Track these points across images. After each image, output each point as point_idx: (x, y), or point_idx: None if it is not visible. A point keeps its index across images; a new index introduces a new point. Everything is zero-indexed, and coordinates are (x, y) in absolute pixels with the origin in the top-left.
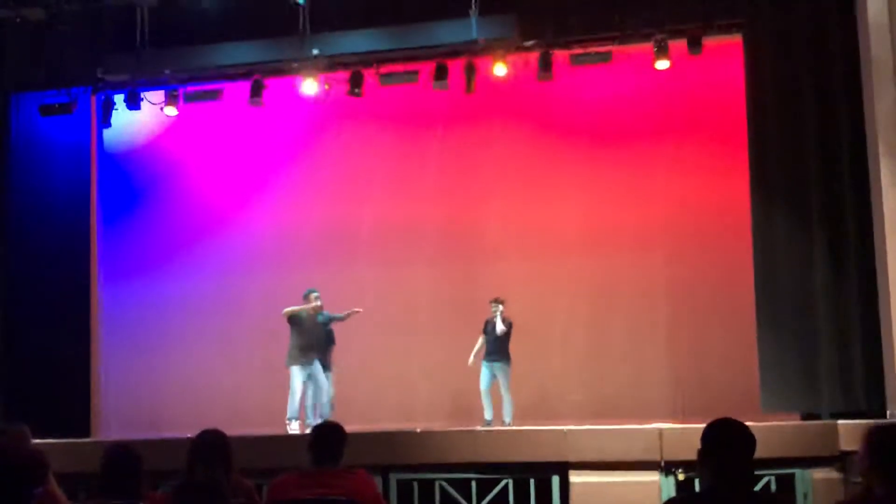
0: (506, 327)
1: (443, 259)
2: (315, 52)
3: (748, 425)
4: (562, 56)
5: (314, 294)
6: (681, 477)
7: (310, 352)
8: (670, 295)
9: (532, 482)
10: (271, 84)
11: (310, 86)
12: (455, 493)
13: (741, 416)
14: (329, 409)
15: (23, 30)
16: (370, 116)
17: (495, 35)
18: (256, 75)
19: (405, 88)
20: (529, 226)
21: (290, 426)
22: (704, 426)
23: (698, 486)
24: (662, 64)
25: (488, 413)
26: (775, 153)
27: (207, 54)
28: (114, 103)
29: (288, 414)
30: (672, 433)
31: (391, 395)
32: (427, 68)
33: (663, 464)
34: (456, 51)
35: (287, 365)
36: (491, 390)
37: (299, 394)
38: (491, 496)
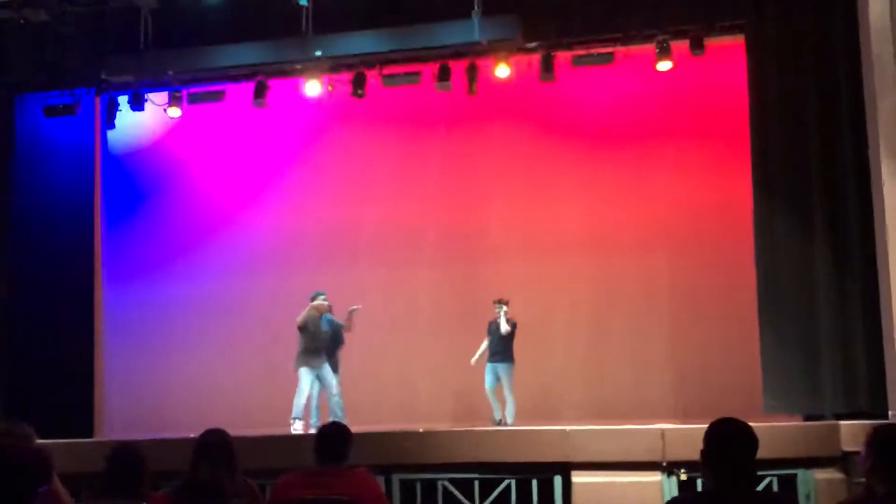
0: (510, 327)
1: (445, 260)
2: (318, 54)
3: (751, 425)
4: (564, 57)
5: (321, 296)
6: (683, 477)
7: (318, 356)
8: (672, 295)
9: (534, 482)
10: (274, 85)
11: (313, 87)
12: (458, 493)
13: (743, 417)
14: (339, 410)
15: (26, 31)
16: (373, 118)
17: (498, 36)
18: (260, 76)
19: (408, 90)
20: (531, 227)
21: (294, 426)
22: (707, 426)
23: (700, 487)
24: (664, 65)
25: (497, 413)
26: (777, 154)
27: (211, 55)
28: (117, 104)
29: (293, 413)
30: (674, 433)
31: (393, 396)
32: (430, 70)
33: (665, 464)
34: (458, 52)
35: (295, 368)
36: (496, 390)
37: (306, 394)
38: (493, 496)
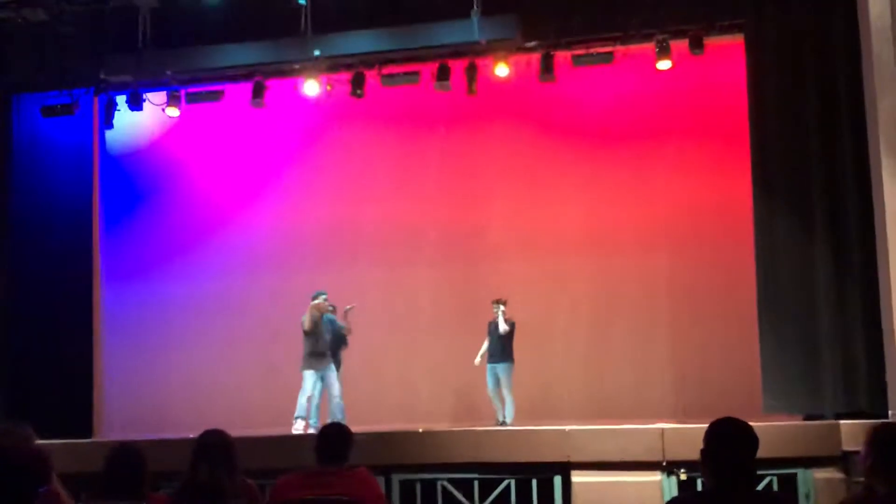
0: (508, 327)
1: (445, 259)
2: (317, 53)
3: (751, 425)
4: (563, 57)
5: (322, 296)
6: (683, 477)
7: (323, 358)
8: (672, 295)
9: (534, 482)
10: (273, 85)
11: (311, 87)
12: (457, 494)
13: (743, 417)
14: (339, 412)
15: (25, 31)
16: (372, 117)
17: (497, 36)
18: (258, 76)
19: (407, 89)
20: (531, 226)
21: (295, 425)
22: (707, 426)
23: (700, 486)
24: (664, 64)
25: (500, 414)
26: (777, 153)
27: (209, 55)
28: (116, 104)
29: (296, 412)
30: (674, 433)
31: (393, 396)
32: (429, 69)
33: (665, 464)
34: (458, 52)
35: (301, 370)
36: (498, 391)
37: (308, 394)
38: (493, 496)
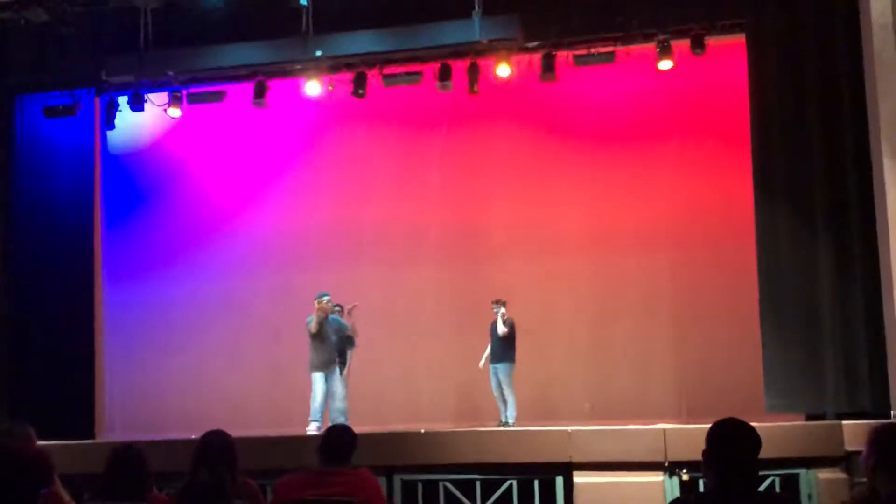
0: (507, 328)
1: (447, 259)
2: (318, 54)
3: (753, 425)
4: (565, 57)
5: (325, 297)
6: (685, 477)
7: (329, 361)
8: (674, 295)
9: (536, 483)
10: (274, 85)
11: (313, 87)
12: (459, 494)
13: (745, 417)
14: (340, 415)
15: (26, 32)
16: (373, 117)
17: (498, 36)
18: (260, 76)
19: (408, 89)
20: (533, 226)
21: (309, 427)
22: (709, 426)
23: (702, 487)
24: (665, 64)
25: (503, 415)
26: (779, 153)
27: (211, 56)
28: (117, 105)
29: (311, 416)
30: (676, 433)
31: (395, 396)
32: (430, 69)
33: (667, 464)
34: (459, 52)
35: (309, 372)
36: (501, 391)
37: (320, 396)
38: (495, 497)
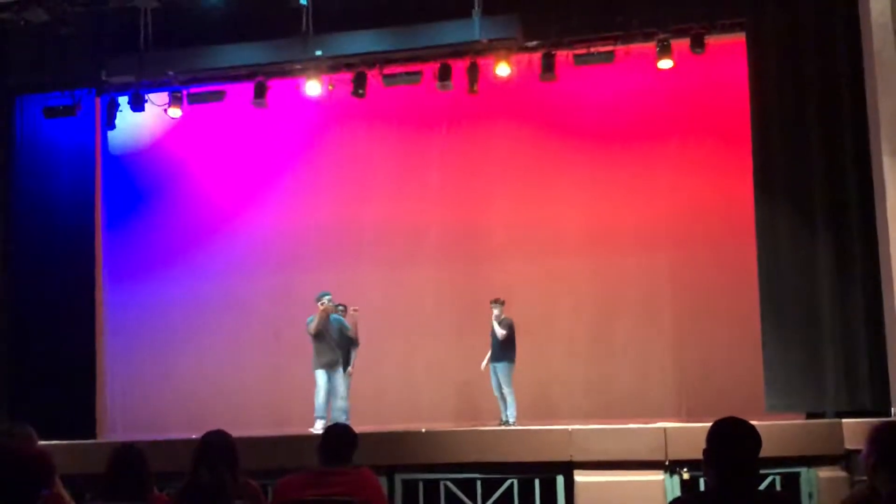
0: (505, 329)
1: (447, 259)
2: (318, 53)
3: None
4: (565, 56)
5: (326, 297)
6: (685, 476)
7: (333, 360)
8: (674, 294)
9: (537, 482)
10: (275, 85)
11: (313, 87)
12: (460, 493)
13: (746, 416)
14: (342, 414)
15: (26, 32)
16: (373, 117)
17: (498, 35)
18: (260, 76)
19: (408, 89)
20: (533, 226)
21: (315, 425)
22: (710, 425)
23: (703, 486)
24: (665, 63)
25: (504, 414)
26: (779, 152)
27: (211, 56)
28: (118, 105)
29: (315, 413)
30: (677, 432)
31: (396, 395)
32: (430, 69)
33: (668, 463)
34: (459, 51)
35: (313, 369)
36: (501, 390)
37: (323, 392)
38: (496, 496)
